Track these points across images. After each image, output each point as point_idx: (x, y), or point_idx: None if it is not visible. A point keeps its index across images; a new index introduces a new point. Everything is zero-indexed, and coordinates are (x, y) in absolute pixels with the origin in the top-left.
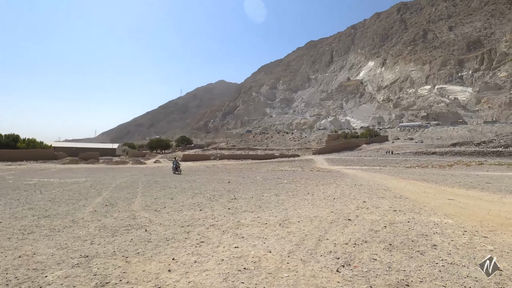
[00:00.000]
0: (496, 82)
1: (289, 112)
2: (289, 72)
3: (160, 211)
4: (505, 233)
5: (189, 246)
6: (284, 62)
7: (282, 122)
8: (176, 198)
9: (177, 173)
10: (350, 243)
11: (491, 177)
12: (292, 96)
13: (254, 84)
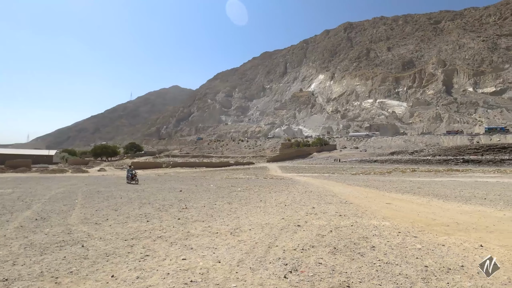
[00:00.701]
0: (425, 98)
1: (244, 120)
2: (244, 80)
3: (101, 224)
4: (431, 233)
5: (132, 260)
6: (240, 71)
7: (237, 130)
8: (121, 209)
9: (133, 183)
10: (298, 248)
11: (422, 183)
12: (248, 104)
13: (209, 91)
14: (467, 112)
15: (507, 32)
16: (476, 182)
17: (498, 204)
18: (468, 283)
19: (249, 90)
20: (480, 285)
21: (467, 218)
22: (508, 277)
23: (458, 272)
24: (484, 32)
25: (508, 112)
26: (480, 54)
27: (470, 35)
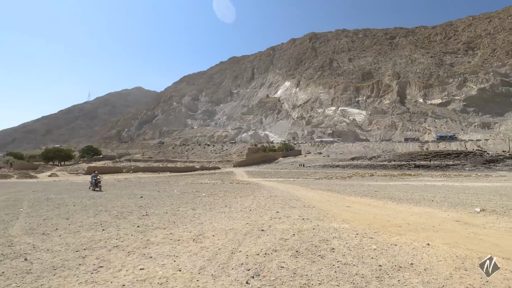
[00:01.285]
0: (382, 107)
1: (211, 124)
2: (212, 84)
3: (49, 234)
4: (385, 234)
5: (83, 273)
6: (207, 74)
7: (203, 134)
8: (73, 217)
9: (96, 190)
10: (261, 253)
11: (379, 186)
12: (215, 108)
13: (175, 93)
14: (418, 121)
15: (451, 50)
16: (425, 185)
17: (443, 206)
18: (416, 280)
19: (216, 94)
20: (426, 280)
21: (417, 219)
22: (450, 272)
23: (408, 269)
24: (432, 49)
25: (452, 122)
26: (429, 69)
27: (420, 51)
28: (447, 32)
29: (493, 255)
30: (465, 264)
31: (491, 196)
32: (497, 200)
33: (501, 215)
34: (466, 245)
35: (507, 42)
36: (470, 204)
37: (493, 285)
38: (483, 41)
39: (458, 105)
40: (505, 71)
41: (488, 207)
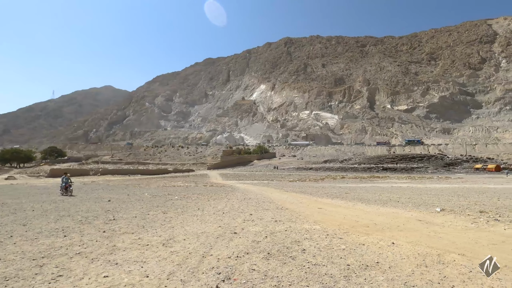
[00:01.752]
0: (353, 112)
1: (185, 126)
2: (186, 85)
3: (2, 242)
4: (354, 234)
5: (39, 283)
6: (182, 75)
7: (177, 136)
8: (31, 223)
9: (67, 194)
10: (233, 256)
11: (349, 188)
12: (189, 110)
13: (148, 94)
14: (386, 126)
15: (415, 60)
16: (392, 187)
17: (407, 206)
18: (381, 277)
19: (190, 96)
20: (390, 278)
21: (383, 219)
22: (412, 269)
23: (374, 268)
24: (399, 58)
25: (417, 127)
26: (396, 77)
27: (388, 60)
28: (412, 42)
29: (450, 252)
30: (426, 261)
31: (450, 197)
32: (455, 200)
33: (458, 214)
34: (427, 243)
35: (465, 54)
36: (432, 205)
37: (449, 280)
38: (444, 52)
39: (422, 112)
40: (463, 81)
41: (447, 207)
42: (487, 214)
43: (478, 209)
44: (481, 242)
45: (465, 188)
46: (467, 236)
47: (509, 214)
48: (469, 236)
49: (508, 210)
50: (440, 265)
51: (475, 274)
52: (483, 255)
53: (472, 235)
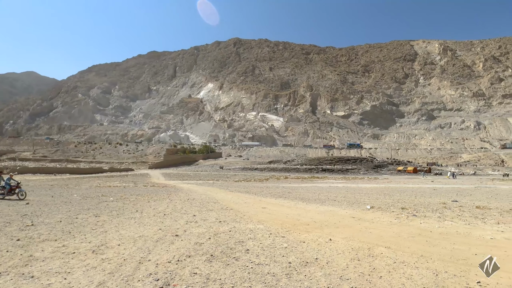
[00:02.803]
0: (297, 116)
1: (124, 122)
2: (127, 78)
3: None
4: (296, 232)
5: None
6: (122, 66)
7: (115, 132)
8: None
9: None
10: (173, 260)
11: (292, 188)
12: (130, 104)
13: (81, 84)
14: (326, 130)
15: (352, 70)
16: (329, 187)
17: (343, 205)
18: (320, 273)
19: (132, 89)
20: (327, 273)
21: (322, 217)
22: (347, 263)
23: (313, 264)
24: (339, 68)
25: (352, 132)
26: (335, 85)
27: (329, 68)
28: (350, 54)
29: (378, 245)
30: (358, 255)
31: (378, 196)
32: (382, 199)
33: (384, 211)
34: (359, 238)
35: (392, 69)
36: (363, 203)
37: (378, 271)
38: (376, 66)
39: (356, 118)
40: (390, 92)
41: (375, 205)
42: (407, 211)
43: (400, 206)
44: (403, 235)
45: (390, 187)
46: (392, 231)
47: (424, 210)
48: (393, 230)
49: (423, 206)
50: (370, 258)
51: (398, 264)
52: (405, 246)
53: (396, 229)
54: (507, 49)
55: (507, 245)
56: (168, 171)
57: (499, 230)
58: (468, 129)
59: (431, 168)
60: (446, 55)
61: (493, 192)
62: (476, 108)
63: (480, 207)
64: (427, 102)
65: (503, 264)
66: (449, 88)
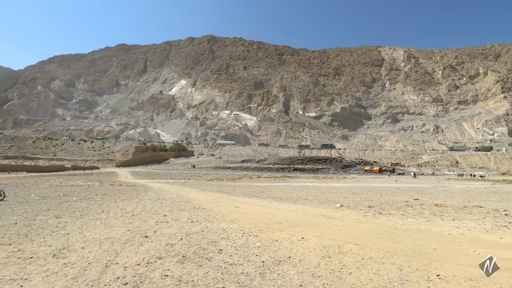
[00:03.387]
0: (270, 115)
1: (89, 117)
2: (93, 71)
3: None
4: (269, 231)
5: None
6: (88, 58)
7: (79, 128)
8: None
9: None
10: (143, 262)
11: (264, 187)
12: (96, 99)
13: (41, 75)
14: (298, 130)
15: (324, 73)
16: (301, 186)
17: (314, 203)
18: (293, 271)
19: (98, 83)
20: (300, 271)
21: (294, 216)
22: (318, 261)
23: (286, 262)
24: (311, 70)
25: (323, 133)
26: (308, 86)
27: (302, 70)
28: (322, 57)
29: (347, 242)
30: (329, 252)
31: (346, 195)
32: (351, 197)
33: (353, 209)
34: (330, 235)
35: (361, 73)
36: (333, 201)
37: (347, 268)
38: (346, 69)
39: (327, 119)
40: (359, 96)
41: (345, 203)
42: (374, 209)
43: (367, 205)
44: (370, 233)
45: (358, 186)
46: (360, 228)
47: (389, 208)
48: (361, 227)
49: (388, 204)
50: (340, 255)
51: (366, 260)
52: (372, 243)
53: (363, 227)
54: (462, 59)
55: (462, 240)
56: (137, 169)
57: (455, 226)
58: (428, 132)
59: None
60: (410, 62)
61: (449, 191)
62: (435, 112)
63: (438, 205)
64: (392, 106)
65: (458, 257)
66: (412, 93)
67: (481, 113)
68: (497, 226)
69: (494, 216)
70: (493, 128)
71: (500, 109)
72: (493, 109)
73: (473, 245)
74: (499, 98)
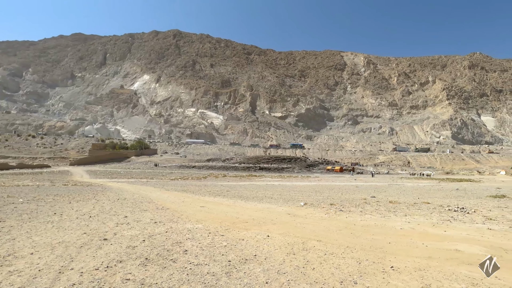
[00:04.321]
0: (237, 114)
1: (39, 111)
2: (44, 61)
3: None
4: (235, 230)
5: None
6: (39, 47)
7: (27, 122)
8: None
9: None
10: (102, 267)
11: (230, 186)
12: (47, 91)
13: None
14: (264, 130)
15: (290, 74)
16: (266, 185)
17: (279, 202)
18: (259, 269)
19: (50, 74)
20: (266, 268)
21: (260, 214)
22: (283, 258)
23: (252, 261)
24: (278, 71)
25: (288, 133)
26: (274, 86)
27: (269, 70)
28: (288, 59)
29: (311, 239)
30: (293, 249)
31: (310, 193)
32: (314, 196)
33: (316, 207)
34: (294, 233)
35: (325, 76)
36: (297, 200)
37: (311, 263)
38: (311, 72)
39: (292, 120)
40: (322, 98)
41: (308, 201)
42: (335, 206)
43: (329, 202)
44: (332, 229)
45: (321, 185)
46: (322, 225)
47: (349, 206)
48: (324, 224)
49: (348, 202)
50: (304, 251)
51: (328, 256)
52: (333, 239)
53: (326, 224)
54: (415, 67)
55: (412, 234)
56: (94, 168)
57: (406, 221)
58: (384, 134)
59: (354, 168)
60: (369, 68)
61: (401, 189)
62: (390, 116)
63: (392, 202)
64: (353, 109)
65: (409, 249)
66: (371, 97)
67: (430, 117)
68: (442, 220)
69: (439, 211)
70: (439, 132)
71: (445, 114)
72: (440, 114)
73: (422, 238)
74: (444, 105)
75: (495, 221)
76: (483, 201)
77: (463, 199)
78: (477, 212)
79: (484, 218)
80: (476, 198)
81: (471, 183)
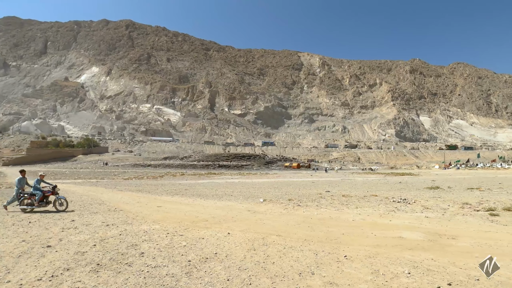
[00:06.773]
0: (195, 111)
1: None
2: None
3: None
4: (195, 229)
5: None
6: None
7: None
8: None
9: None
10: (45, 277)
11: (189, 185)
12: None
13: None
14: (223, 127)
15: (249, 72)
16: (226, 182)
17: (239, 199)
18: (220, 267)
19: None
20: (227, 266)
21: (220, 212)
22: (244, 254)
23: (213, 259)
24: (237, 68)
25: (248, 130)
26: (234, 84)
27: (228, 67)
28: (248, 57)
29: (271, 234)
30: (254, 245)
31: (269, 189)
32: (273, 192)
33: (275, 203)
34: (255, 229)
35: (283, 75)
36: (257, 196)
37: (271, 258)
38: (269, 70)
39: (251, 117)
40: (281, 96)
41: (267, 197)
42: (293, 201)
43: (287, 198)
44: (291, 224)
45: (279, 181)
46: (281, 220)
47: (306, 200)
48: (283, 219)
49: (305, 197)
50: (264, 246)
51: (287, 249)
52: (292, 233)
53: (284, 219)
54: (364, 70)
55: (363, 224)
56: (33, 168)
57: (358, 213)
58: (338, 132)
59: (310, 164)
60: (324, 69)
61: (353, 183)
62: (343, 115)
63: (345, 196)
64: (309, 107)
65: (360, 239)
66: (325, 97)
67: (377, 117)
68: (387, 211)
69: (385, 203)
70: (385, 130)
71: (390, 114)
72: (386, 114)
73: (371, 228)
74: (389, 105)
75: (431, 210)
76: (421, 192)
77: (405, 191)
78: (416, 202)
79: (422, 207)
80: (416, 190)
81: (412, 177)
